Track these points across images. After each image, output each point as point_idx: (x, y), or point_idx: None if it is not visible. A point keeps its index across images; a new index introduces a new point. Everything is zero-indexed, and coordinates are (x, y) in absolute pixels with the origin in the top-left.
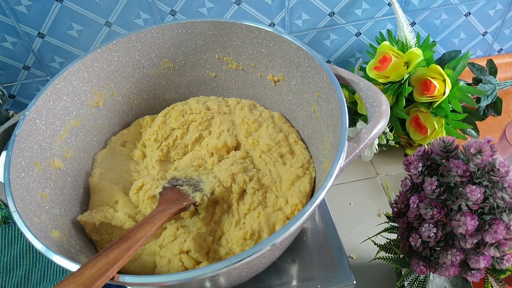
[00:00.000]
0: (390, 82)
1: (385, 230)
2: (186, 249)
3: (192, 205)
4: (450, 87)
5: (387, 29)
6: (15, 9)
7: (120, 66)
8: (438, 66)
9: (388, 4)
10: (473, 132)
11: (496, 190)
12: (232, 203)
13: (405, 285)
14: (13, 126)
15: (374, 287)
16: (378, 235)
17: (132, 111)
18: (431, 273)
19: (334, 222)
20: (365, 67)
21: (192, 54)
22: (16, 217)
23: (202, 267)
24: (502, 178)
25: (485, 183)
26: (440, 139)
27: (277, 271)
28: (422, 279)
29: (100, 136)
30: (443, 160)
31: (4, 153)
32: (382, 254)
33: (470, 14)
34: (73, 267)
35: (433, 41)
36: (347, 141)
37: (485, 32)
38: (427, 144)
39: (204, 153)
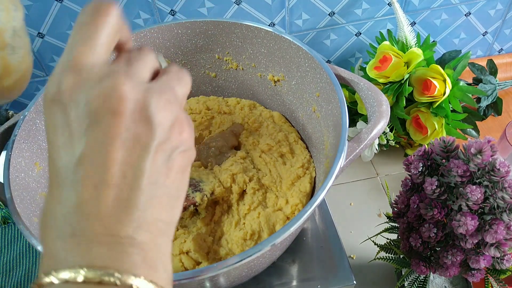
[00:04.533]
0: (390, 82)
1: (385, 230)
2: (186, 249)
3: (192, 205)
4: (450, 87)
5: (387, 29)
6: None
7: None
8: (438, 66)
9: (388, 4)
10: (473, 132)
11: (496, 190)
12: (232, 203)
13: (405, 285)
14: (13, 126)
15: None
16: (378, 235)
17: None
18: (431, 273)
19: (334, 222)
20: (365, 67)
21: (192, 54)
22: (15, 217)
23: (202, 267)
24: (502, 178)
25: (485, 183)
26: (440, 139)
27: (277, 271)
28: (422, 279)
29: None
30: (444, 160)
31: (4, 153)
32: (382, 254)
33: (470, 14)
34: None
35: (433, 41)
36: (347, 141)
37: (486, 32)
38: (427, 144)
39: None
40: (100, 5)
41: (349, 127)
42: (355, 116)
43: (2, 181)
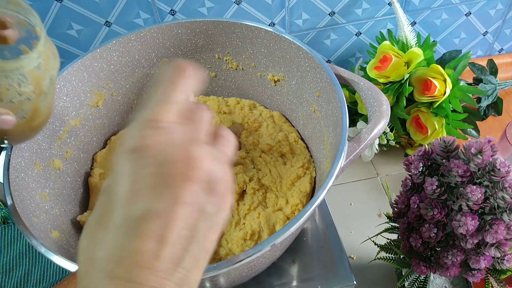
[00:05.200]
0: (390, 82)
1: (386, 230)
2: None
3: None
4: (451, 87)
5: (388, 29)
6: None
7: (120, 66)
8: (439, 66)
9: (388, 4)
10: (473, 132)
11: (496, 190)
12: (232, 203)
13: (406, 285)
14: None
15: None
16: (379, 235)
17: (132, 111)
18: (431, 273)
19: (334, 222)
20: (366, 67)
21: (192, 54)
22: (15, 217)
23: None
24: (502, 178)
25: (485, 183)
26: (440, 139)
27: (277, 272)
28: (422, 279)
29: (99, 136)
30: (444, 160)
31: (3, 153)
32: (383, 254)
33: (470, 13)
34: (73, 267)
35: (434, 40)
36: (347, 141)
37: (486, 32)
38: (427, 144)
39: None
40: (181, 67)
41: (349, 127)
42: (355, 116)
43: (2, 181)
